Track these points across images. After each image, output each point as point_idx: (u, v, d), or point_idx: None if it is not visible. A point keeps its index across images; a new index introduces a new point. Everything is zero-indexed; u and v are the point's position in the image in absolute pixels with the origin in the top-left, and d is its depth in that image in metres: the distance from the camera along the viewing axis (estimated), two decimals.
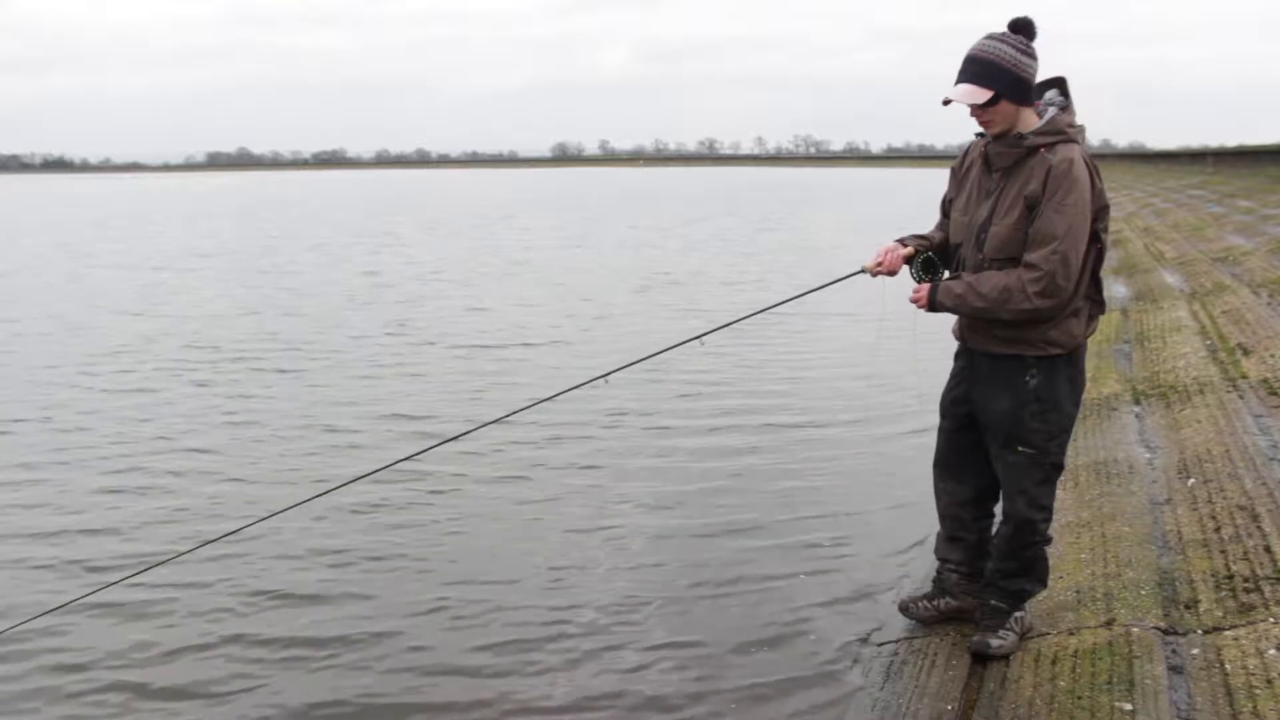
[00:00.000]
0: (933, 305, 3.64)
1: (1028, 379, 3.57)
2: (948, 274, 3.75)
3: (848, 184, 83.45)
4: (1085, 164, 3.43)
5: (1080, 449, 5.99)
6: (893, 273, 3.77)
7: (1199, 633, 3.55)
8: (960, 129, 3.64)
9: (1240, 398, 6.21)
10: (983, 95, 3.42)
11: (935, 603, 4.17)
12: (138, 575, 4.84)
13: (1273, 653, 3.27)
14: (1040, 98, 3.55)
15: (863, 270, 3.80)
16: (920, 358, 5.57)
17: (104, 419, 8.44)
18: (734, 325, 4.50)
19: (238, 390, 9.49)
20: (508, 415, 4.88)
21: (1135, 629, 3.64)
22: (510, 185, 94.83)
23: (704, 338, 4.24)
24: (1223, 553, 4.09)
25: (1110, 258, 15.55)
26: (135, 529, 5.96)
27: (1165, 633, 3.60)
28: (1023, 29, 3.43)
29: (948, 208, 3.86)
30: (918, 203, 35.47)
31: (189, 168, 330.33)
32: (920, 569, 4.94)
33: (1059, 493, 5.30)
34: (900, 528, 5.67)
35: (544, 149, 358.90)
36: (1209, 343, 7.89)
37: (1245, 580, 3.82)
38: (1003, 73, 3.40)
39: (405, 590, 5.09)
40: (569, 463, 7.05)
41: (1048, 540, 3.81)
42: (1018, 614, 3.82)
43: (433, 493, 6.45)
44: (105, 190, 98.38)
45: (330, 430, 8.01)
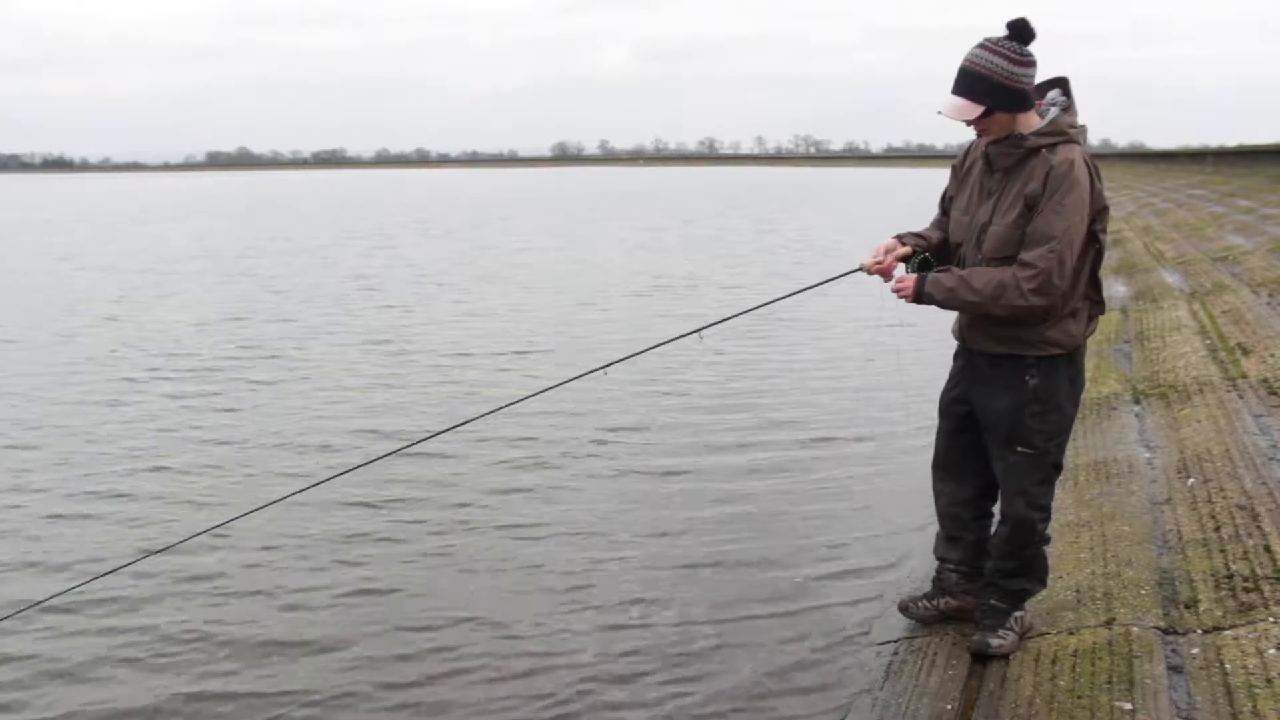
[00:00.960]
0: (919, 297, 3.61)
1: (1027, 379, 3.57)
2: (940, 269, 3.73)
3: (848, 184, 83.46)
4: (1086, 165, 3.43)
5: (1080, 448, 5.99)
6: (888, 276, 3.75)
7: (1199, 632, 3.55)
8: (960, 129, 3.62)
9: (1240, 397, 6.21)
10: (974, 111, 3.43)
11: (935, 602, 4.17)
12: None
13: (1273, 652, 3.27)
14: (1043, 97, 3.54)
15: (860, 268, 3.79)
16: (904, 366, 5.58)
17: (64, 433, 8.07)
18: (734, 326, 4.50)
19: (212, 404, 9.04)
20: (491, 411, 4.88)
21: (1135, 628, 3.64)
22: (509, 185, 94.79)
23: (702, 331, 4.24)
24: (1222, 552, 4.09)
25: (1110, 257, 15.54)
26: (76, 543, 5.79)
27: (1165, 632, 3.60)
28: (1019, 33, 3.40)
29: (947, 205, 3.86)
30: (918, 202, 35.45)
31: (189, 167, 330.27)
32: (920, 569, 4.94)
33: (1058, 492, 5.31)
34: (899, 528, 5.67)
35: (544, 149, 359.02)
36: (1209, 342, 7.89)
37: (1245, 580, 3.82)
38: (994, 87, 3.38)
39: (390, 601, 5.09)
40: (563, 463, 7.05)
41: (1046, 540, 3.81)
42: (1017, 613, 3.82)
43: (423, 494, 6.45)
44: (104, 190, 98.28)
45: (290, 443, 7.71)
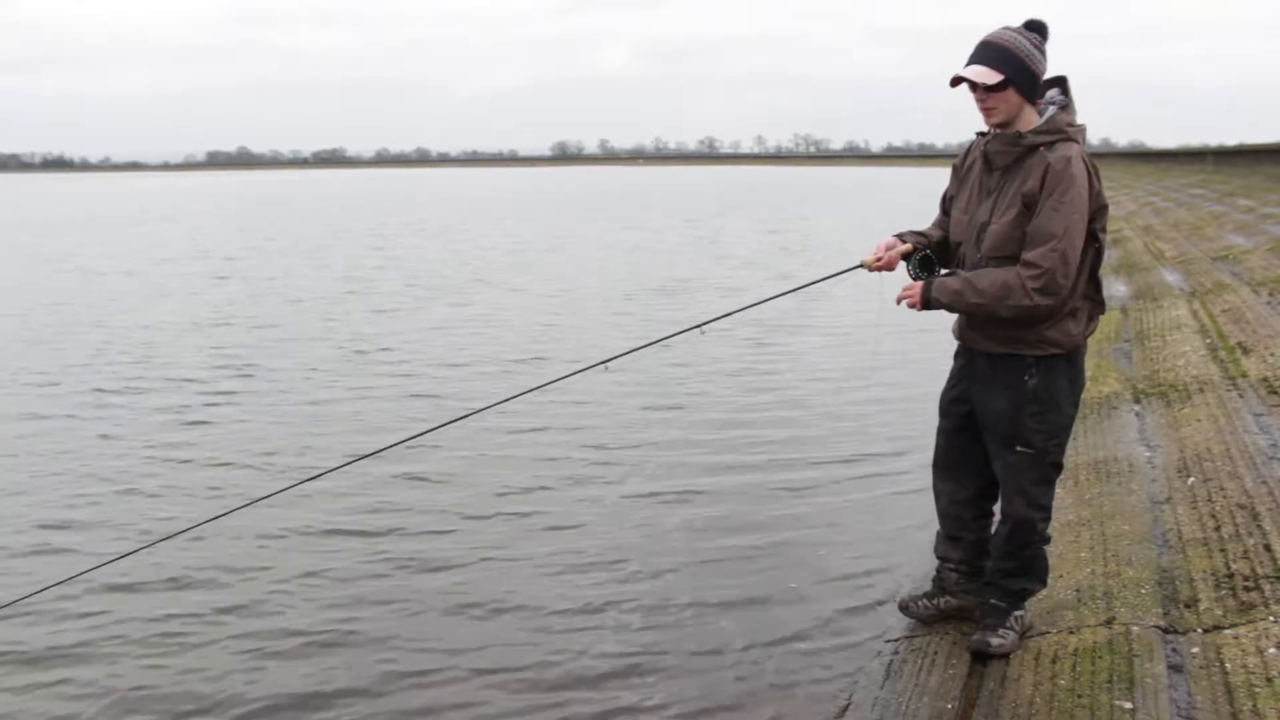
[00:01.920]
0: (928, 303, 3.60)
1: (1026, 379, 3.57)
2: (944, 272, 3.73)
3: (848, 183, 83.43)
4: (1084, 163, 3.43)
5: (1080, 448, 5.99)
6: (890, 268, 3.77)
7: (1199, 631, 3.55)
8: (960, 127, 3.65)
9: (1240, 396, 6.21)
10: (994, 77, 3.43)
11: (935, 601, 4.18)
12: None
13: (1273, 651, 3.27)
14: (1042, 97, 3.56)
15: (861, 265, 3.80)
16: (879, 356, 5.59)
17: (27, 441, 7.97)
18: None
19: (180, 417, 8.67)
20: (487, 407, 4.88)
21: (1135, 628, 3.64)
22: (509, 185, 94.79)
23: (704, 327, 4.24)
24: (1223, 551, 4.09)
25: (1110, 256, 15.55)
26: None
27: (1165, 631, 3.60)
28: (1037, 29, 3.48)
29: (948, 205, 3.86)
30: (920, 202, 35.47)
31: (189, 167, 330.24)
32: (920, 568, 4.94)
33: (1059, 491, 5.30)
34: (899, 527, 5.67)
35: (544, 148, 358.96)
36: (1209, 341, 7.89)
37: (1245, 579, 3.82)
38: (1016, 60, 3.42)
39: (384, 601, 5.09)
40: (560, 463, 7.05)
41: (1046, 539, 3.81)
42: (1018, 613, 3.82)
43: (427, 489, 6.45)
44: (102, 190, 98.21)
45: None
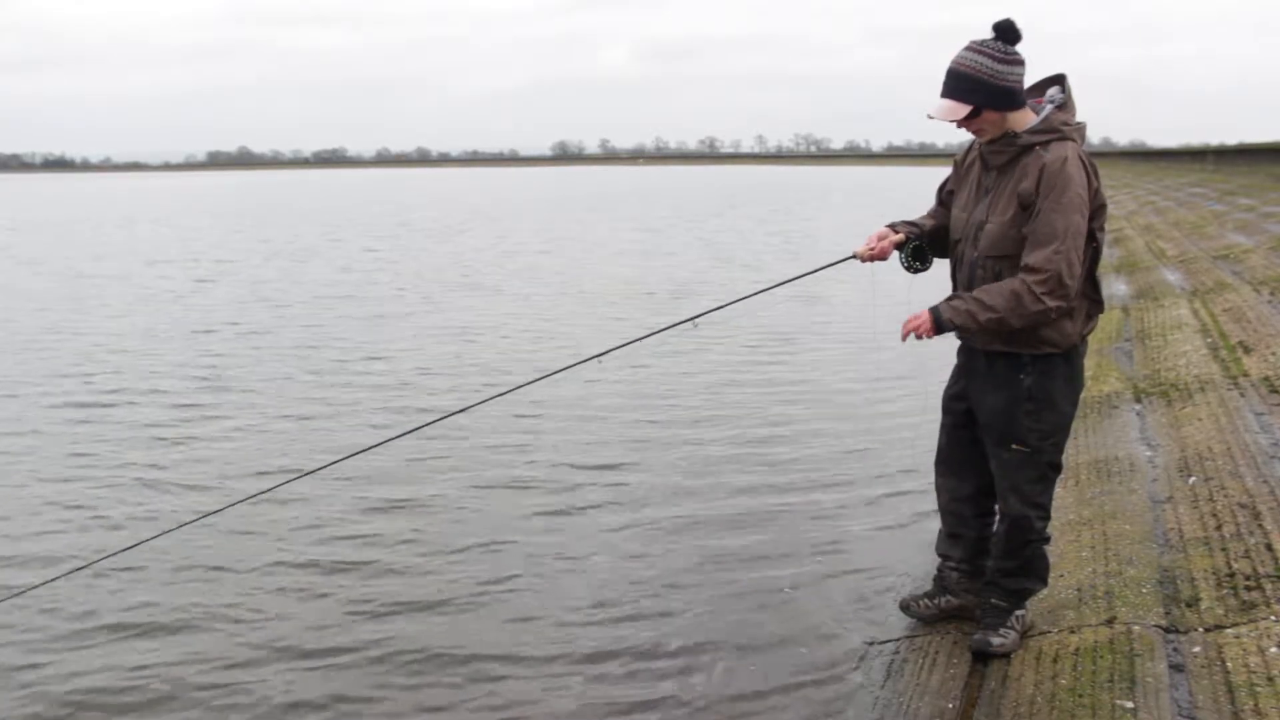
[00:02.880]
0: (940, 328, 3.57)
1: (1022, 377, 3.57)
2: (934, 263, 3.79)
3: (849, 182, 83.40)
4: (1081, 161, 3.43)
5: (1081, 447, 5.99)
6: (883, 258, 3.78)
7: (1200, 631, 3.55)
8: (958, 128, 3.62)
9: (1241, 396, 6.21)
10: (962, 110, 3.45)
11: (936, 601, 4.18)
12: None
13: (1274, 650, 3.27)
14: (1042, 95, 3.55)
15: (854, 256, 3.81)
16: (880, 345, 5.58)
17: None
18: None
19: (151, 433, 8.07)
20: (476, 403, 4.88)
21: (1136, 627, 3.64)
22: (510, 184, 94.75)
23: (697, 319, 4.26)
24: (1224, 551, 4.09)
25: (1111, 255, 15.55)
26: None
27: (1166, 631, 3.60)
28: (1004, 33, 3.43)
29: (945, 196, 3.87)
30: (921, 203, 35.38)
31: (189, 167, 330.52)
32: (921, 567, 4.93)
33: (1059, 491, 5.31)
34: (902, 525, 5.67)
35: (544, 148, 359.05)
36: (1210, 341, 7.89)
37: (1246, 578, 3.82)
38: (981, 85, 3.40)
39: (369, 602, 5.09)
40: (559, 461, 7.05)
41: (1046, 539, 3.81)
42: (1019, 612, 3.82)
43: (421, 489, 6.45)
44: (101, 190, 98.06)
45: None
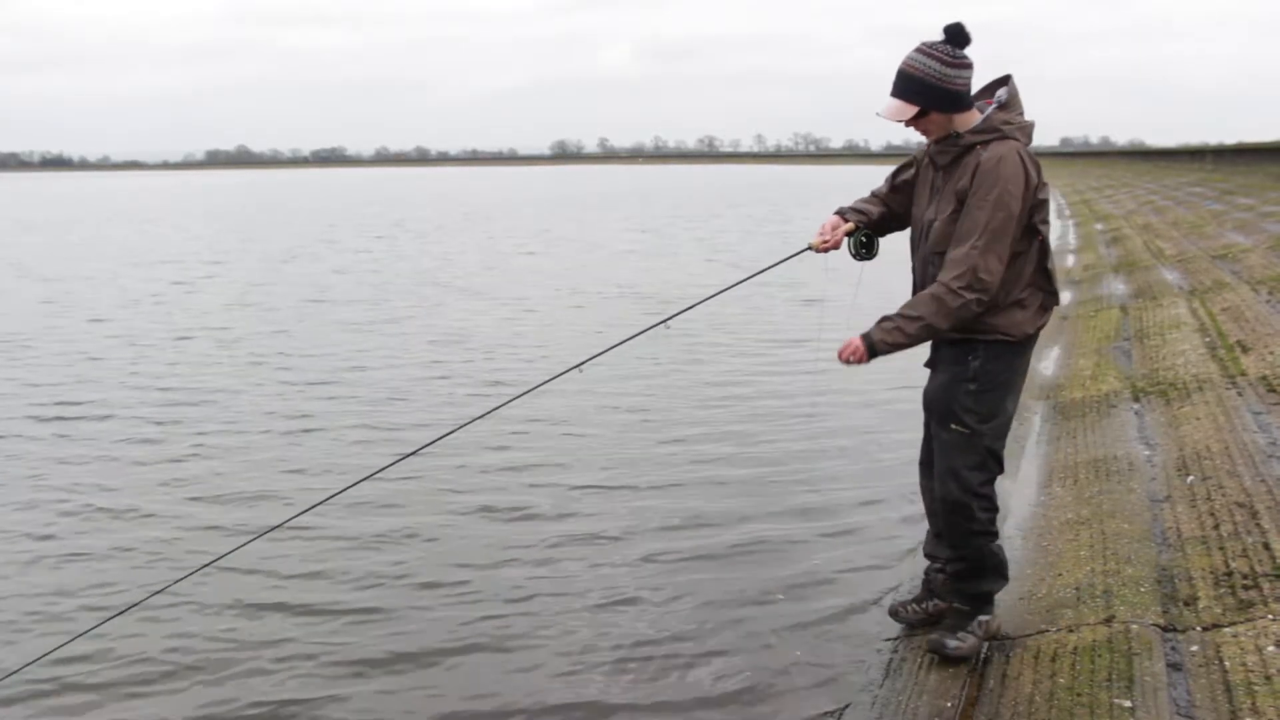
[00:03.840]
0: (873, 351, 3.60)
1: (971, 359, 3.64)
2: (881, 251, 3.88)
3: (848, 181, 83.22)
4: (1019, 159, 3.48)
5: (1079, 446, 6.00)
6: (838, 247, 3.87)
7: (1198, 630, 3.55)
8: None
9: (1239, 395, 6.21)
10: (908, 111, 3.54)
11: (924, 605, 4.20)
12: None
13: (1272, 649, 3.27)
14: (992, 95, 3.63)
15: (809, 248, 3.89)
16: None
17: None
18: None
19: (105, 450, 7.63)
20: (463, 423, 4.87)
21: (1134, 626, 3.64)
22: (509, 184, 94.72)
23: (669, 322, 4.28)
24: (1222, 550, 4.10)
25: (1110, 254, 15.57)
26: None
27: (1164, 630, 3.60)
28: (954, 37, 3.50)
29: (896, 180, 3.93)
30: None
31: (188, 166, 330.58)
32: (917, 568, 4.94)
33: (1058, 490, 5.34)
34: (898, 525, 5.67)
35: (543, 147, 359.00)
36: (1208, 340, 7.89)
37: (1244, 577, 3.82)
38: (928, 88, 3.49)
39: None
40: (553, 464, 7.05)
41: (992, 534, 3.79)
42: (983, 617, 3.83)
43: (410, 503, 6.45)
44: (97, 189, 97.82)
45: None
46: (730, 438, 7.57)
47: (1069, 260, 16.35)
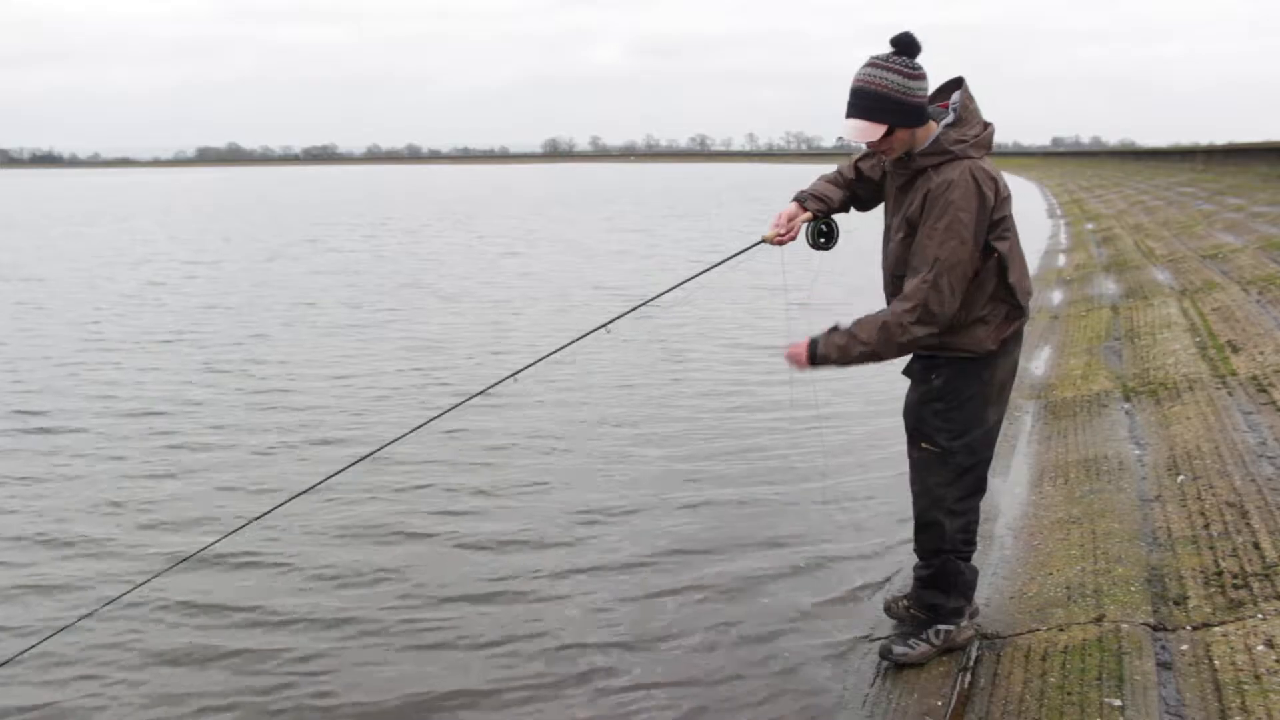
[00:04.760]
0: (814, 360, 3.53)
1: (933, 377, 3.58)
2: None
3: None
4: (971, 181, 3.31)
5: (1070, 445, 6.02)
6: (795, 238, 3.74)
7: (1188, 629, 3.57)
8: None
9: (1230, 395, 6.23)
10: (877, 131, 3.34)
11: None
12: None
13: (1261, 649, 3.28)
14: (947, 99, 3.48)
15: (763, 241, 3.74)
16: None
17: None
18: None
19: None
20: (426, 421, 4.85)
21: (1125, 625, 3.66)
22: (498, 182, 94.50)
23: (609, 326, 4.12)
24: (1212, 549, 4.11)
25: (1101, 254, 15.61)
26: None
27: (1154, 629, 3.61)
28: (905, 47, 3.33)
29: (863, 162, 3.77)
30: None
31: (178, 163, 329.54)
32: (908, 565, 4.94)
33: (1048, 489, 5.35)
34: (892, 522, 5.67)
35: (535, 145, 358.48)
36: (1199, 340, 7.92)
37: (1234, 577, 3.83)
38: (892, 104, 3.30)
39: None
40: (553, 458, 7.04)
41: (963, 554, 3.75)
42: (942, 627, 3.81)
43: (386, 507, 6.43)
44: (82, 186, 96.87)
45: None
46: (731, 433, 7.57)
47: (1060, 260, 16.39)
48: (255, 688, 4.15)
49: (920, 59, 3.36)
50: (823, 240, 3.76)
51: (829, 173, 3.89)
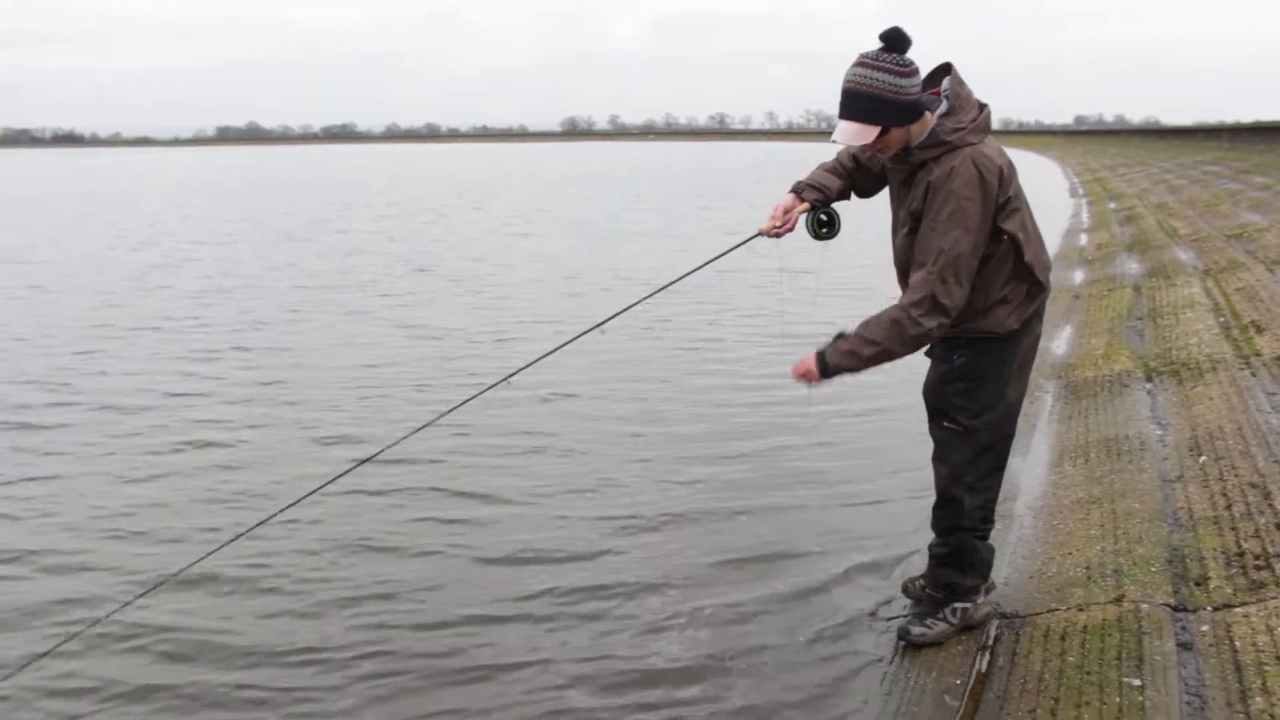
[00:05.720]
0: (826, 372, 3.49)
1: (955, 357, 3.57)
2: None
3: None
4: (973, 168, 3.27)
5: (1091, 425, 5.99)
6: (793, 229, 3.70)
7: (1209, 609, 3.56)
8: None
9: (1253, 375, 6.18)
10: (871, 133, 3.30)
11: None
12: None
13: None
14: (938, 84, 3.43)
15: (759, 234, 3.70)
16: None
17: None
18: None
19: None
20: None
21: (1145, 605, 3.65)
22: (518, 160, 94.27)
23: (604, 325, 4.11)
24: (1233, 530, 4.09)
25: (1123, 233, 15.47)
26: None
27: (1175, 609, 3.60)
28: (894, 43, 3.27)
29: (865, 158, 3.73)
30: None
31: (199, 142, 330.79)
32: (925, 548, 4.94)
33: (1069, 469, 5.33)
34: (912, 503, 5.66)
35: (554, 123, 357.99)
36: (1222, 320, 7.85)
37: (1256, 557, 3.82)
38: (886, 104, 3.25)
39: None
40: (551, 457, 7.05)
41: (981, 533, 3.75)
42: (959, 605, 3.82)
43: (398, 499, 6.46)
44: (99, 165, 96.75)
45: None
46: (735, 422, 7.57)
47: (1082, 239, 16.26)
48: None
49: (937, 42, 3.30)
50: (824, 230, 3.73)
51: (828, 161, 3.86)
